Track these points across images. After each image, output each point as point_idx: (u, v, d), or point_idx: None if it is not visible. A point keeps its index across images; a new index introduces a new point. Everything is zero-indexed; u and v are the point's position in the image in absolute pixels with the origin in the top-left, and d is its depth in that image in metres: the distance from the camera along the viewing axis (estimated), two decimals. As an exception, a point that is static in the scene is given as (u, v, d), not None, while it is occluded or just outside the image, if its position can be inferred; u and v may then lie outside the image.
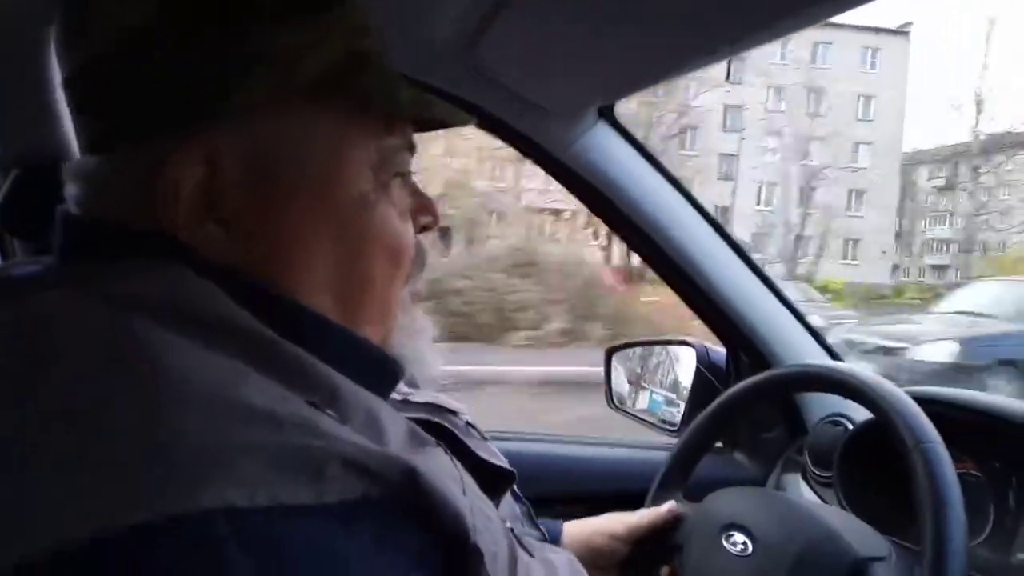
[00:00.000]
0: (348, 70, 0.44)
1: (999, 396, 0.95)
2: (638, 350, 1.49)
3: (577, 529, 0.87)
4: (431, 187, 8.13)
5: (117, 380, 0.33)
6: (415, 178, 0.52)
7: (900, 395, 0.75)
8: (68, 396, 0.33)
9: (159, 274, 0.39)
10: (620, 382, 1.47)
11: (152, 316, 0.36)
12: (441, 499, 0.37)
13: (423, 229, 0.53)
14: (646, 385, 1.44)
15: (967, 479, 0.90)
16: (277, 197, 0.43)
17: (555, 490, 1.13)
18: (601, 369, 1.48)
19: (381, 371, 0.49)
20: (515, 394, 6.03)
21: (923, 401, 0.83)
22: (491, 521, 0.43)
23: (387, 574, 0.34)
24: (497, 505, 0.60)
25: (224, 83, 0.40)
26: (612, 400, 1.46)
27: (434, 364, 0.55)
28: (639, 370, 1.47)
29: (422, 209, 0.52)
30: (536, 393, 6.14)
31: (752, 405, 0.97)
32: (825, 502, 1.02)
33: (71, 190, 0.44)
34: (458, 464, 0.45)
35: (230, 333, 0.37)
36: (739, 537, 0.78)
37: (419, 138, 0.51)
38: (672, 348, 1.39)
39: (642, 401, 1.42)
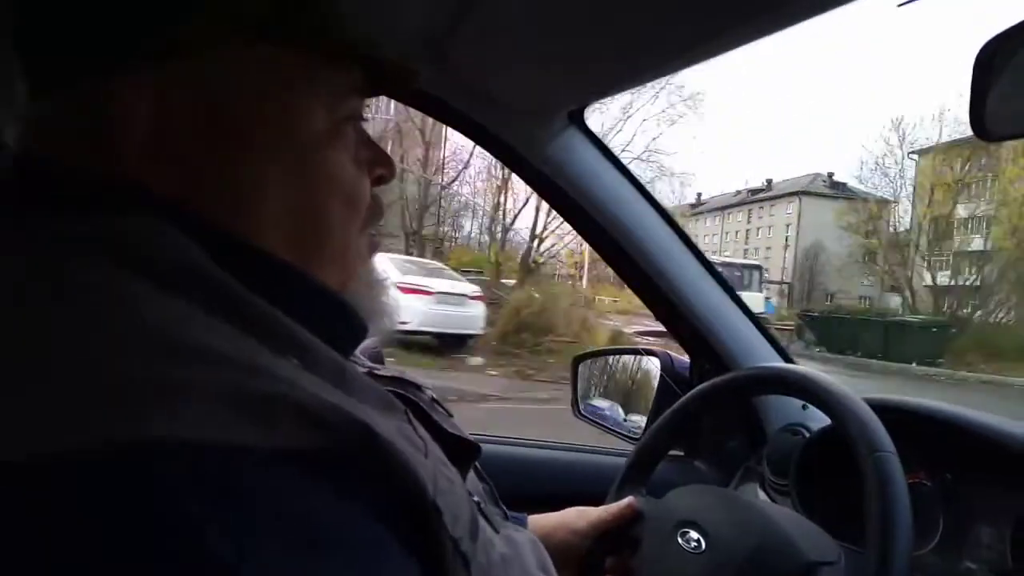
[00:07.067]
0: (293, 6, 0.44)
1: (955, 406, 0.97)
2: (604, 359, 1.50)
3: (539, 524, 0.87)
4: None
5: (62, 316, 0.33)
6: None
7: (857, 401, 0.76)
8: (9, 326, 0.32)
9: (114, 215, 0.38)
10: (586, 391, 1.48)
11: (104, 257, 0.36)
12: (399, 460, 0.36)
13: (378, 180, 0.53)
14: (611, 394, 1.44)
15: (919, 489, 0.92)
16: (229, 136, 0.42)
17: (516, 492, 1.12)
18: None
19: (344, 322, 0.48)
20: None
21: (879, 409, 0.84)
22: (453, 485, 0.43)
23: (349, 526, 0.33)
24: (463, 479, 0.60)
25: (167, 19, 0.40)
26: (578, 408, 1.47)
27: (392, 316, 0.54)
28: (605, 379, 1.48)
29: (377, 160, 0.52)
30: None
31: (710, 408, 0.97)
32: (782, 510, 1.03)
33: (16, 134, 0.43)
34: (421, 430, 0.45)
35: (189, 278, 0.37)
36: (693, 535, 0.78)
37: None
38: (638, 357, 1.41)
39: (607, 409, 1.43)
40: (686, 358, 1.26)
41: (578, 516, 0.89)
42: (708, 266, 1.14)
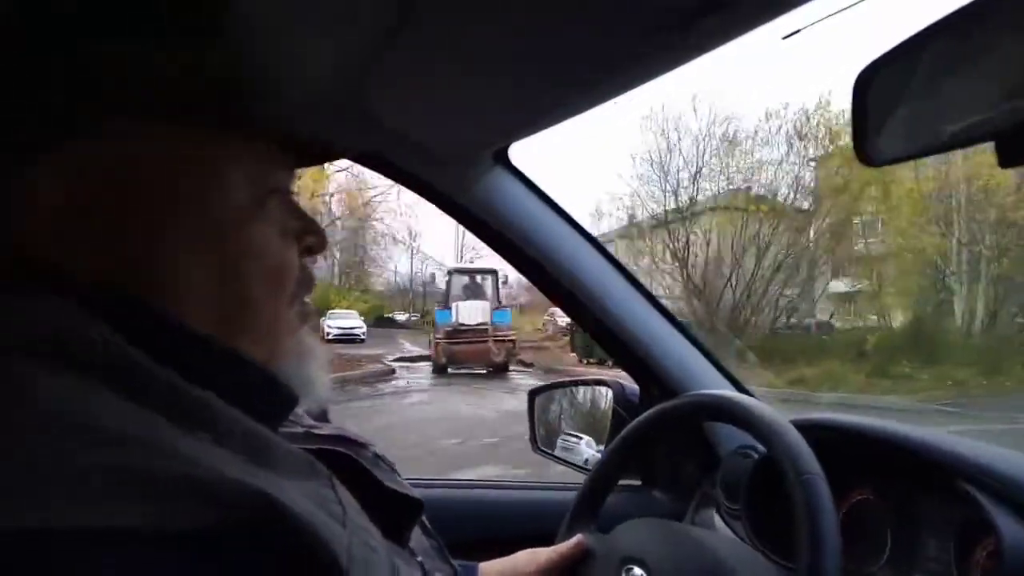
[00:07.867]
0: (215, 90, 0.44)
1: (894, 423, 0.97)
2: (559, 391, 1.49)
3: (491, 571, 0.87)
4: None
5: None
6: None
7: (783, 425, 0.76)
8: None
9: (21, 299, 0.38)
10: (543, 424, 1.47)
11: (4, 342, 0.36)
12: (307, 530, 0.36)
13: (308, 251, 0.53)
14: (567, 426, 1.43)
15: (865, 505, 0.92)
16: (143, 215, 0.42)
17: (468, 538, 1.11)
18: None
19: (271, 395, 0.48)
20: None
21: (817, 429, 0.84)
22: (375, 553, 0.42)
23: None
24: (407, 538, 0.59)
25: (80, 100, 0.40)
26: (536, 443, 1.45)
27: (323, 387, 0.54)
28: (561, 412, 1.47)
29: (306, 231, 0.52)
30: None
31: (657, 434, 0.97)
32: (736, 534, 1.02)
33: None
34: (343, 497, 0.44)
35: (91, 357, 0.37)
36: (637, 571, 0.78)
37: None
38: (591, 388, 1.40)
39: (564, 442, 1.41)
40: (636, 385, 1.26)
41: (529, 559, 0.89)
42: (646, 293, 1.14)
